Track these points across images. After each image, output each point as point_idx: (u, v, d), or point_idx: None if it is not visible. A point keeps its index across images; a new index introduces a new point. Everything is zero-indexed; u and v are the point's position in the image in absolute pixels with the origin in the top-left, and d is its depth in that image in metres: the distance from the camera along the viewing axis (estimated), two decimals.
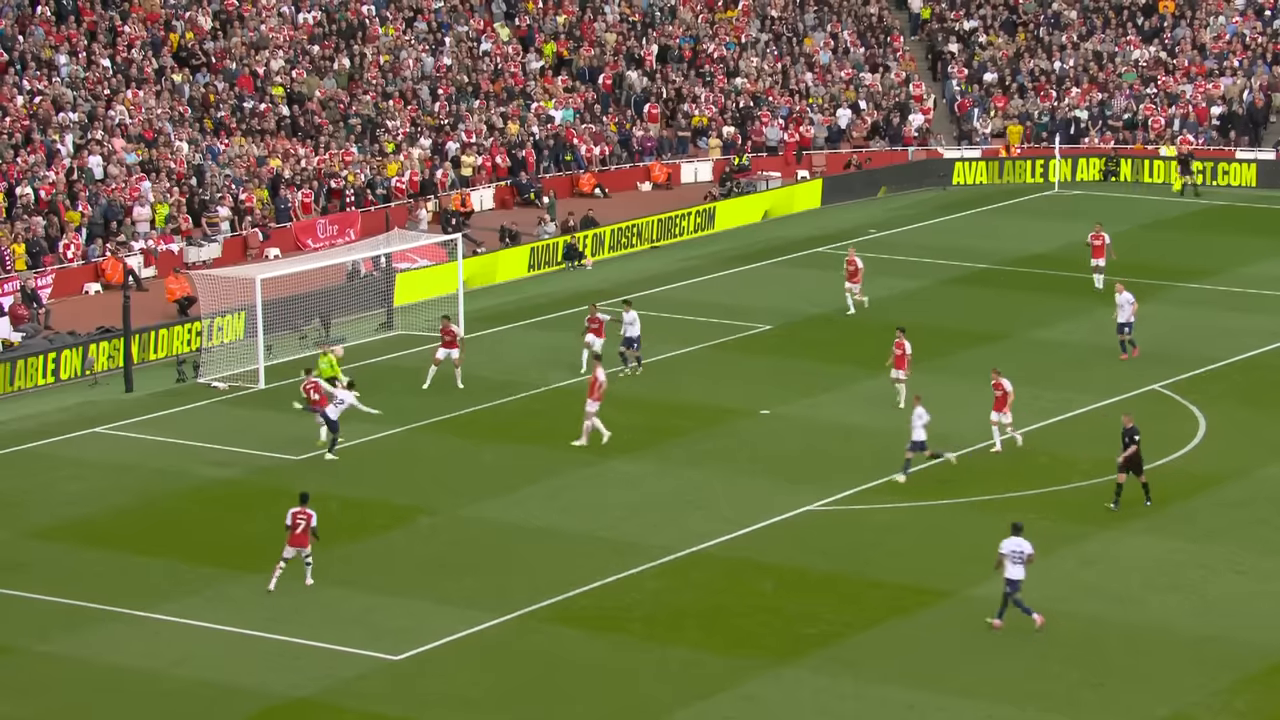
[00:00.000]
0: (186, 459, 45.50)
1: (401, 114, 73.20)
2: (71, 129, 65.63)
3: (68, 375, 52.12)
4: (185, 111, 69.30)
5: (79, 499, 42.96)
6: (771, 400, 49.02)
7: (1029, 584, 35.38)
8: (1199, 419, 47.38)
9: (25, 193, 61.53)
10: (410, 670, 34.13)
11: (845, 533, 40.32)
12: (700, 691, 33.15)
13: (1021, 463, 44.23)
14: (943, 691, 33.08)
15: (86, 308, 57.99)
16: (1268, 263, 63.05)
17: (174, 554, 39.31)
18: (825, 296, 58.72)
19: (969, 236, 67.30)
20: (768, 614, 36.37)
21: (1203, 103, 78.15)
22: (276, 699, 33.17)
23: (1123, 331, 51.21)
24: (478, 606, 36.45)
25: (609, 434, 44.91)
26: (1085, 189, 74.85)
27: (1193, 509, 41.48)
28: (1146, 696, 32.87)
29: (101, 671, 34.35)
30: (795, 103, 79.20)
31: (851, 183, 74.69)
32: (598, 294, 60.20)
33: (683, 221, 68.24)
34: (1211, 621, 35.88)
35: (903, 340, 47.68)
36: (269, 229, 64.58)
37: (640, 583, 37.87)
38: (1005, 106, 79.60)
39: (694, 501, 42.18)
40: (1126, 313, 51.12)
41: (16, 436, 47.41)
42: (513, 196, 71.86)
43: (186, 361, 52.73)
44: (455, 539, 40.28)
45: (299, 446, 45.99)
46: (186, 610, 36.48)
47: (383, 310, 57.52)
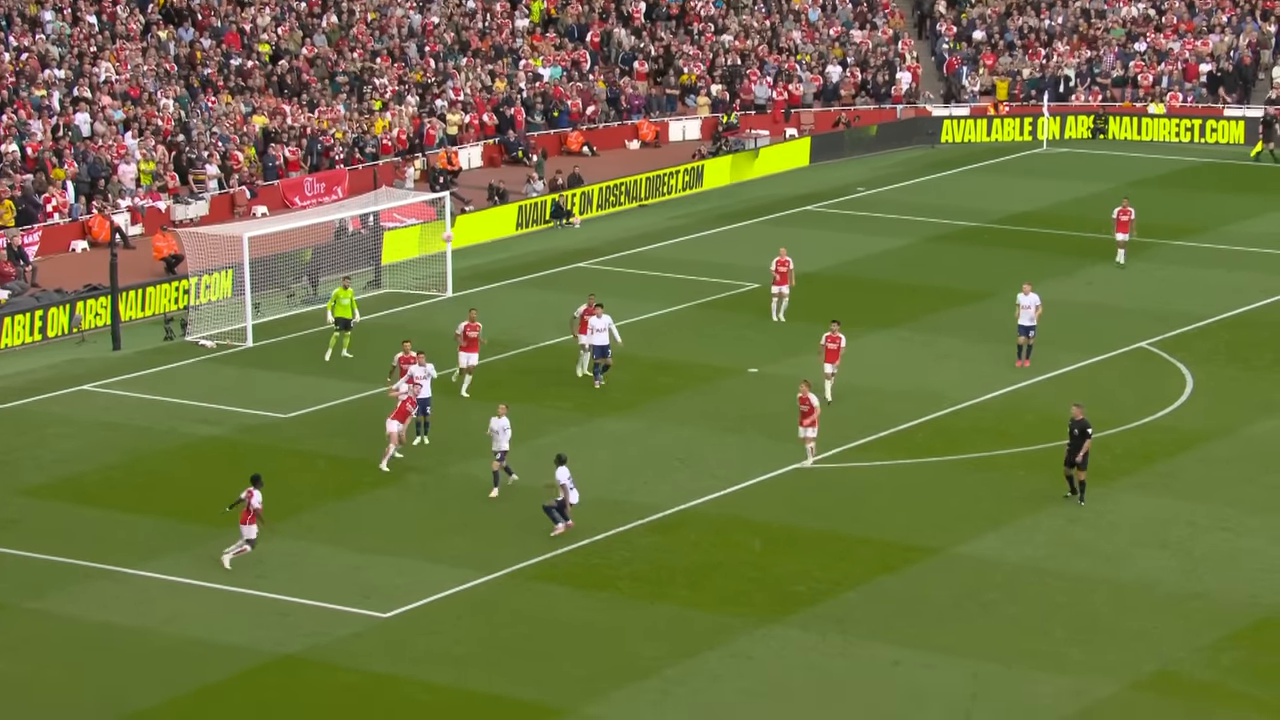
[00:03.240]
0: (174, 417, 45.53)
1: (389, 72, 73.05)
2: (57, 86, 65.47)
3: (55, 333, 52.09)
4: (171, 69, 69.11)
5: (68, 457, 42.99)
6: (760, 359, 49.08)
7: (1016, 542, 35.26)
8: (1186, 376, 47.50)
9: (11, 150, 61.39)
10: (399, 628, 34.22)
11: (833, 490, 40.43)
12: (689, 649, 33.28)
13: (1009, 420, 44.36)
14: (930, 648, 33.22)
15: (73, 265, 57.92)
16: (1255, 220, 63.16)
17: (163, 512, 39.37)
18: (814, 255, 58.74)
19: (956, 194, 67.33)
20: (756, 571, 36.49)
21: (1192, 60, 78.13)
22: (266, 656, 33.26)
23: (1025, 335, 47.22)
24: (466, 564, 36.55)
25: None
26: (1073, 147, 74.87)
27: (1179, 466, 41.62)
28: (1133, 653, 33.04)
29: (92, 629, 34.43)
30: (784, 60, 79.09)
31: (840, 141, 74.66)
32: (585, 251, 60.28)
33: (671, 180, 68.23)
34: (1198, 578, 36.04)
35: (837, 334, 45.13)
36: (256, 187, 64.49)
37: (629, 540, 37.98)
38: (994, 64, 79.52)
39: (683, 459, 42.25)
40: (1029, 315, 47.16)
41: (4, 394, 47.40)
42: (501, 155, 71.78)
43: (174, 319, 52.72)
44: (444, 497, 40.35)
45: (287, 405, 46.03)
46: (176, 568, 36.56)
47: (371, 268, 57.48)
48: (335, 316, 49.64)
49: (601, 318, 46.46)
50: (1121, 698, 31.53)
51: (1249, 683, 32.15)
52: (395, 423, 41.09)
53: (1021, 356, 47.41)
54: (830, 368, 44.97)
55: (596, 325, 46.46)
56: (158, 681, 32.43)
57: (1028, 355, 47.41)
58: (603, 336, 46.37)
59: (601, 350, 46.42)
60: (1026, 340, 47.26)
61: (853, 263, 57.09)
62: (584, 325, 46.87)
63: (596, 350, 46.53)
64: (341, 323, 49.54)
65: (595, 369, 46.68)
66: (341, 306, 49.70)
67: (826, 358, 45.08)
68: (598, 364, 46.58)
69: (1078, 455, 38.76)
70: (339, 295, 49.96)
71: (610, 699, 31.57)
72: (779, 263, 51.88)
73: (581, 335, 46.94)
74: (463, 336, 45.99)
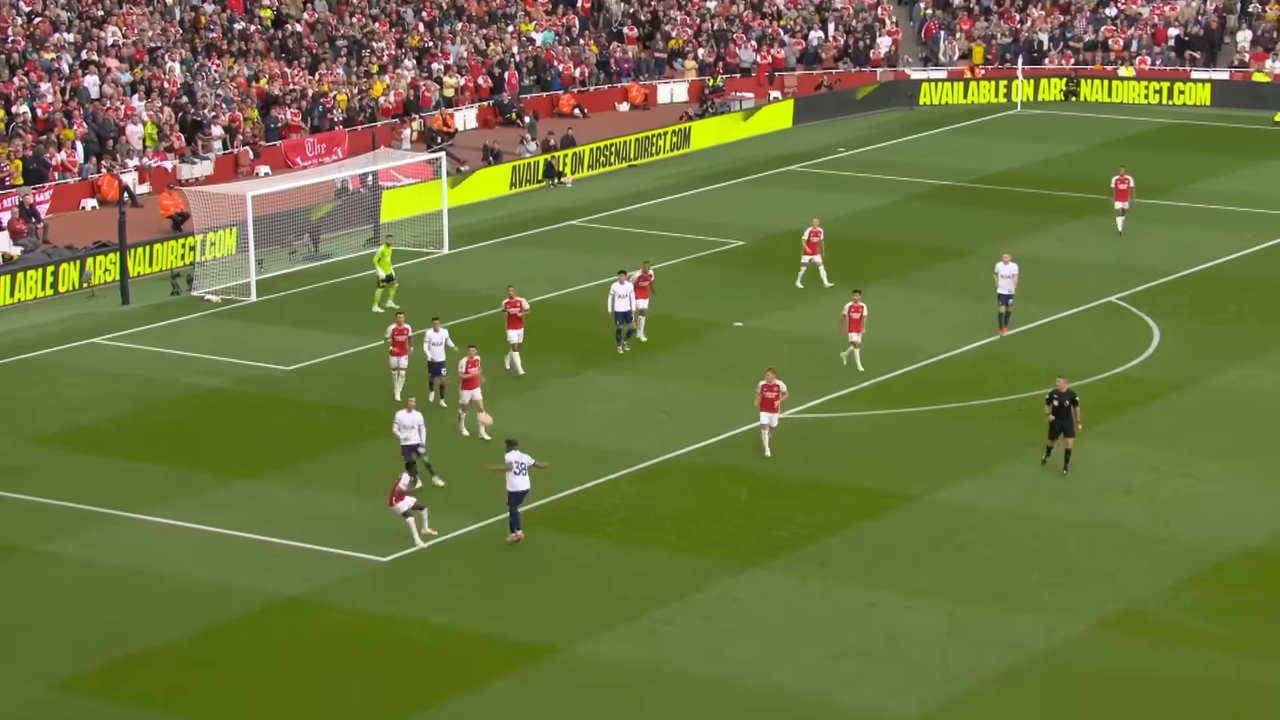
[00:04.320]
0: (181, 369, 45.55)
1: (387, 36, 72.87)
2: (67, 49, 65.27)
3: (66, 288, 52.07)
4: (177, 33, 68.93)
5: (78, 406, 43.02)
6: (744, 313, 49.12)
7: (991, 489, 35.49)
8: (1153, 329, 47.60)
9: (23, 111, 61.23)
10: (397, 571, 34.33)
11: (815, 440, 40.52)
12: (676, 591, 33.40)
13: (985, 372, 44.45)
14: (907, 590, 33.36)
15: (83, 223, 57.84)
16: (1221, 179, 63.19)
17: (170, 459, 39.43)
18: (796, 213, 58.72)
19: (935, 155, 67.29)
20: (740, 517, 36.61)
21: (1160, 24, 78.05)
22: (270, 598, 33.36)
23: (1005, 303, 46.29)
24: (461, 511, 36.63)
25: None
26: (1047, 108, 74.81)
27: (1146, 415, 41.74)
28: (1100, 593, 33.20)
29: (101, 570, 34.53)
30: (768, 25, 78.91)
31: (822, 103, 74.55)
32: (577, 210, 60.25)
33: (659, 141, 68.13)
34: (1162, 522, 36.19)
35: (860, 303, 43.90)
36: (259, 147, 64.36)
37: (618, 488, 38.06)
38: (970, 29, 79.40)
39: (669, 411, 42.32)
40: (1008, 285, 46.21)
41: (17, 346, 47.42)
42: (495, 116, 71.64)
43: (180, 275, 52.70)
44: (440, 446, 40.39)
45: (288, 358, 46.05)
46: (182, 513, 36.64)
47: (370, 226, 57.44)
48: (383, 274, 49.51)
49: (624, 284, 45.45)
50: (1089, 636, 31.70)
51: (1209, 621, 32.34)
52: (467, 392, 40.38)
53: (1003, 324, 46.53)
54: (855, 336, 43.72)
55: (619, 291, 45.38)
56: (165, 621, 32.54)
57: (1007, 322, 46.61)
58: (624, 303, 45.27)
59: (624, 316, 45.48)
60: (1006, 309, 46.44)
61: (835, 221, 57.03)
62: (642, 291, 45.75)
63: (619, 316, 45.41)
64: (387, 279, 49.44)
65: (618, 335, 45.54)
66: (385, 263, 49.62)
67: (850, 327, 43.71)
68: (619, 330, 45.53)
69: (1067, 424, 37.60)
70: (384, 252, 49.86)
71: (601, 639, 31.71)
72: (811, 233, 50.67)
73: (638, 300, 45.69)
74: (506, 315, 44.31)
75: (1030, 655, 31.01)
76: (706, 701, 29.72)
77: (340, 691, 30.25)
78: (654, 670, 30.65)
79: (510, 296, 44.58)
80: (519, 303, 44.24)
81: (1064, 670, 30.62)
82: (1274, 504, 36.98)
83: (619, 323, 45.53)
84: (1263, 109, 73.04)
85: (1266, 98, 73.83)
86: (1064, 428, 37.75)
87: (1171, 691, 29.99)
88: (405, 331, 42.38)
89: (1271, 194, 61.01)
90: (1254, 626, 32.10)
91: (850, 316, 43.77)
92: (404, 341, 42.35)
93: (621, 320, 45.48)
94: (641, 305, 45.97)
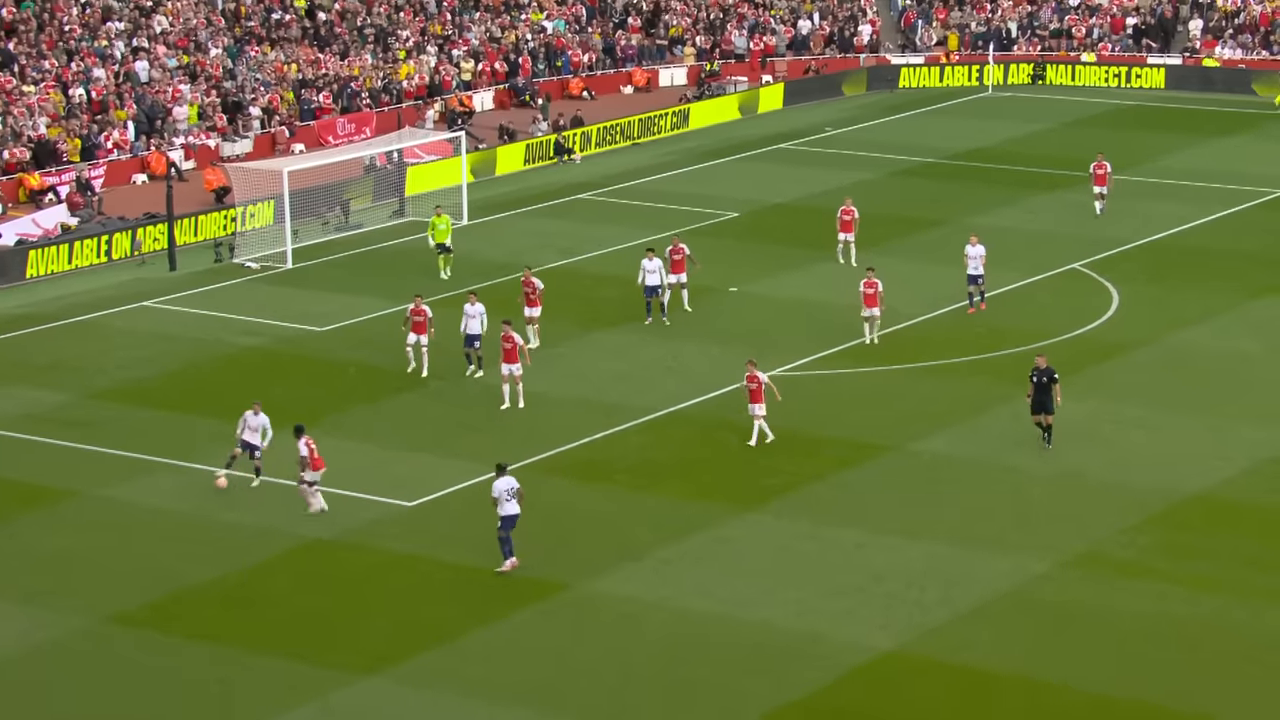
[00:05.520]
0: (224, 330, 45.47)
1: (411, 25, 72.58)
2: (119, 37, 65.03)
3: (119, 255, 51.97)
4: (219, 22, 68.66)
5: (130, 364, 42.96)
6: (738, 278, 48.98)
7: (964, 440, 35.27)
8: (1113, 293, 47.46)
9: (79, 93, 61.04)
10: (422, 515, 34.29)
11: (803, 395, 40.42)
12: (677, 533, 33.37)
13: (960, 332, 44.32)
14: (888, 533, 33.32)
15: (134, 196, 57.71)
16: (1174, 156, 62.96)
17: (214, 413, 39.35)
18: (786, 187, 58.58)
19: (914, 134, 67.04)
20: (736, 466, 36.54)
21: (1119, 14, 77.71)
22: (305, 539, 33.34)
23: (974, 283, 44.88)
24: (481, 460, 36.54)
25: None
26: (1015, 91, 74.51)
27: (1106, 372, 41.65)
28: (1066, 534, 33.16)
29: (151, 514, 34.52)
30: (760, 14, 78.56)
31: (810, 87, 74.25)
32: (585, 184, 60.06)
33: (661, 121, 67.88)
34: (1121, 470, 36.12)
35: (874, 279, 42.72)
36: (294, 127, 64.15)
37: (625, 439, 37.99)
38: (945, 18, 79.03)
39: (671, 367, 42.23)
40: (976, 265, 44.80)
41: (75, 309, 47.34)
42: (510, 98, 71.37)
43: (223, 244, 52.58)
44: (460, 401, 40.35)
45: (322, 320, 45.97)
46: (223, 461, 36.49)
47: (396, 199, 57.28)
48: (435, 243, 49.29)
49: (652, 260, 44.56)
50: (1053, 573, 31.67)
51: (1163, 559, 32.32)
52: (507, 366, 39.41)
53: (973, 303, 44.99)
54: (870, 311, 42.48)
55: (648, 267, 44.30)
56: (209, 561, 32.54)
57: (982, 300, 45.05)
58: (653, 278, 44.30)
59: (651, 290, 44.40)
60: (976, 289, 45.14)
61: (822, 194, 56.93)
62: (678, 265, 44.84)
63: (647, 290, 44.52)
64: (441, 247, 49.11)
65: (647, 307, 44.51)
66: (439, 232, 49.29)
67: (866, 302, 42.47)
68: (648, 303, 44.52)
69: (1047, 401, 36.25)
70: (435, 222, 49.51)
71: (608, 576, 31.68)
72: (843, 211, 49.34)
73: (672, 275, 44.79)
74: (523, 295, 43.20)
75: (1000, 591, 30.99)
76: (705, 634, 29.70)
77: (370, 625, 30.25)
78: (656, 605, 30.63)
79: (525, 276, 43.65)
80: (534, 283, 43.25)
81: (1031, 604, 30.60)
82: (1223, 452, 36.91)
83: (647, 296, 44.60)
84: (1212, 92, 72.75)
85: (1216, 81, 73.55)
86: (1044, 404, 36.56)
87: (1128, 623, 29.98)
88: (423, 312, 41.18)
89: (1221, 170, 60.80)
90: (1203, 564, 32.07)
91: (865, 292, 42.60)
92: (422, 321, 41.16)
93: (649, 294, 44.56)
94: (681, 279, 44.87)
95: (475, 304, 41.30)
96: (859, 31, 77.80)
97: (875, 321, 42.93)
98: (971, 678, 28.32)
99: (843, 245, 49.48)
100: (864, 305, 42.80)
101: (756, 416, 37.26)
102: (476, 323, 41.12)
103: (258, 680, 28.40)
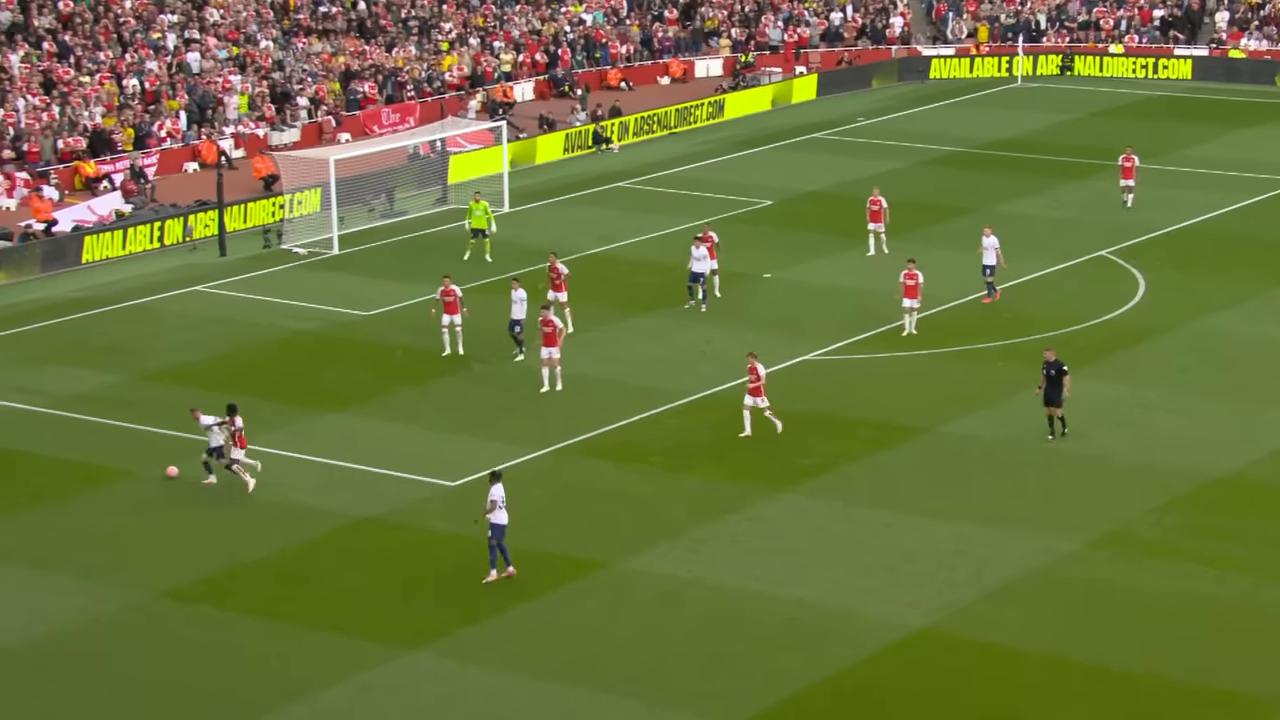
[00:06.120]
0: (272, 314, 45.60)
1: (453, 17, 72.56)
2: (172, 29, 65.21)
3: (171, 241, 52.15)
4: (268, 14, 68.76)
5: (182, 347, 43.12)
6: (773, 265, 48.90)
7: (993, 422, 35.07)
8: (1139, 280, 47.23)
9: (132, 84, 61.23)
10: (464, 494, 34.34)
11: (835, 379, 40.37)
12: (711, 513, 33.36)
13: (988, 319, 44.16)
14: (919, 513, 33.26)
15: (186, 183, 57.89)
16: (1201, 146, 62.59)
17: (262, 394, 39.49)
18: (819, 176, 58.44)
19: (944, 124, 66.77)
20: (769, 447, 36.49)
21: (1147, 6, 77.24)
22: (352, 518, 33.45)
23: (986, 274, 44.57)
24: (521, 441, 36.63)
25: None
26: (1044, 82, 74.15)
27: (1133, 357, 41.46)
28: (1094, 515, 33.05)
29: (204, 492, 34.64)
30: (794, 7, 78.33)
31: (842, 78, 74.02)
32: (623, 173, 60.01)
33: (697, 111, 67.75)
34: (1148, 452, 35.97)
35: (914, 270, 42.06)
36: (340, 116, 64.24)
37: (660, 422, 37.98)
38: (975, 10, 78.66)
39: (705, 352, 42.19)
40: (990, 256, 44.42)
41: (129, 293, 47.55)
42: (549, 89, 71.33)
43: (271, 230, 52.71)
44: (504, 384, 40.40)
45: (368, 304, 46.06)
46: (274, 442, 36.70)
47: (439, 187, 57.33)
48: (471, 227, 49.38)
49: (698, 248, 44.29)
50: (1081, 553, 31.57)
51: (1190, 539, 32.18)
52: (546, 350, 39.25)
53: (990, 293, 44.49)
54: (910, 302, 41.92)
55: (694, 254, 44.37)
56: (262, 538, 32.68)
57: (994, 290, 44.81)
58: (698, 265, 44.01)
59: (695, 276, 44.22)
60: (989, 279, 44.62)
61: (854, 182, 56.76)
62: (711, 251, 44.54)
63: (691, 275, 44.19)
64: (476, 232, 49.19)
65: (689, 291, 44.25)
66: (476, 218, 49.38)
67: (906, 293, 41.92)
68: (690, 287, 44.30)
69: (1056, 394, 35.74)
70: (473, 207, 49.61)
71: (644, 555, 31.70)
72: (871, 201, 48.86)
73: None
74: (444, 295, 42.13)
75: (1028, 570, 30.90)
76: (740, 612, 29.69)
77: (415, 600, 30.34)
78: (692, 583, 30.63)
79: (551, 262, 43.52)
80: (558, 269, 43.14)
81: (1059, 584, 30.51)
82: (1248, 435, 36.73)
83: (689, 281, 44.48)
84: (1238, 83, 72.29)
85: (1242, 73, 73.07)
86: (1053, 397, 36.07)
87: (1154, 602, 29.87)
88: (453, 292, 41.27)
89: (1247, 159, 60.41)
90: (1230, 545, 31.93)
91: (905, 283, 42.05)
92: (453, 301, 41.25)
93: (692, 279, 44.43)
94: (713, 266, 44.68)
95: (519, 289, 41.33)
96: (891, 23, 77.50)
97: (915, 312, 42.51)
98: (1001, 655, 28.26)
99: (873, 235, 49.24)
100: (904, 296, 42.42)
101: (758, 408, 36.48)
102: (520, 307, 41.18)
103: (312, 653, 28.51)
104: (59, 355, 42.56)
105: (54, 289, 48.06)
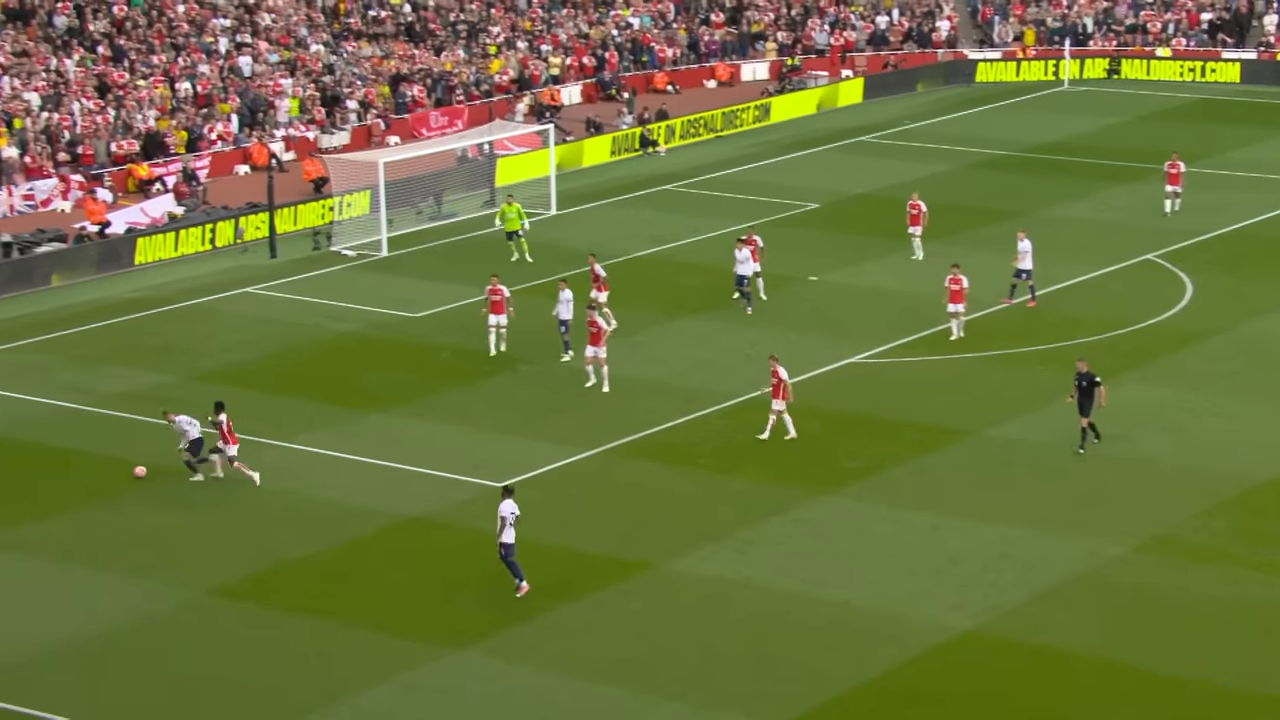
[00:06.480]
0: (321, 315, 45.64)
1: (502, 21, 72.57)
2: (224, 33, 65.40)
3: (222, 243, 52.28)
4: (319, 19, 68.90)
5: (233, 347, 43.20)
6: (819, 268, 48.66)
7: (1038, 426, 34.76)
8: (1187, 283, 46.79)
9: (185, 87, 61.44)
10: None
11: (881, 382, 40.12)
12: (758, 515, 33.18)
13: (1033, 322, 43.82)
14: (964, 516, 32.99)
15: (237, 186, 58.04)
16: (1249, 149, 62.02)
17: (311, 394, 39.52)
18: (866, 178, 58.14)
19: (990, 127, 66.39)
20: (816, 450, 36.28)
21: (1194, 9, 76.60)
22: (396, 518, 33.39)
23: (1019, 277, 44.03)
24: (569, 442, 36.51)
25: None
26: (1091, 86, 73.64)
27: (1180, 361, 41.05)
28: (1140, 518, 32.71)
29: (251, 490, 34.66)
30: (840, 10, 78.03)
31: (889, 81, 73.68)
32: (670, 176, 59.85)
33: (743, 114, 67.55)
34: (1195, 456, 35.60)
35: (959, 275, 41.74)
36: (389, 119, 64.31)
37: (707, 423, 37.82)
38: (1022, 13, 78.19)
39: (751, 354, 41.99)
40: (1026, 260, 43.96)
41: (181, 294, 47.67)
42: (597, 92, 71.26)
43: (321, 233, 52.77)
44: (550, 384, 40.30)
45: (416, 305, 46.05)
46: (322, 441, 36.72)
47: (486, 189, 57.30)
48: (506, 230, 49.40)
49: (742, 250, 44.12)
50: (1128, 557, 31.25)
51: (1237, 543, 31.82)
52: (591, 348, 39.25)
53: (1014, 296, 44.11)
54: (955, 307, 41.54)
55: (738, 257, 44.11)
56: (305, 536, 32.66)
57: (1032, 296, 44.05)
58: (742, 268, 43.82)
59: (740, 279, 43.88)
60: (1022, 282, 44.09)
61: (900, 185, 56.42)
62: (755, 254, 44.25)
63: (737, 279, 43.95)
64: (511, 234, 49.22)
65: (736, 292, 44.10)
66: (510, 220, 49.42)
67: (951, 298, 41.61)
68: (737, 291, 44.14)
69: (1088, 404, 34.98)
70: (505, 210, 49.63)
71: (691, 556, 31.53)
72: (911, 205, 48.53)
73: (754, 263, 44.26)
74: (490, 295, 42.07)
75: (1075, 573, 30.60)
76: (786, 614, 29.49)
77: (458, 600, 30.24)
78: (739, 584, 30.46)
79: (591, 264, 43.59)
80: (597, 270, 43.19)
81: (1106, 587, 30.20)
82: None
83: (736, 284, 44.27)
84: None
85: None
86: (1085, 408, 35.12)
87: (1202, 606, 29.53)
88: (500, 292, 41.23)
89: None
90: (1276, 549, 31.55)
91: (950, 289, 41.75)
92: (500, 301, 41.20)
93: (738, 282, 44.25)
94: (756, 268, 44.51)
95: (565, 290, 41.24)
96: (937, 27, 77.12)
97: (961, 317, 42.06)
98: (1049, 658, 27.98)
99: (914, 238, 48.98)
100: (949, 301, 42.01)
101: (775, 410, 36.31)
102: (566, 307, 41.12)
103: (356, 652, 28.45)
104: (113, 355, 42.69)
105: (108, 290, 48.24)
